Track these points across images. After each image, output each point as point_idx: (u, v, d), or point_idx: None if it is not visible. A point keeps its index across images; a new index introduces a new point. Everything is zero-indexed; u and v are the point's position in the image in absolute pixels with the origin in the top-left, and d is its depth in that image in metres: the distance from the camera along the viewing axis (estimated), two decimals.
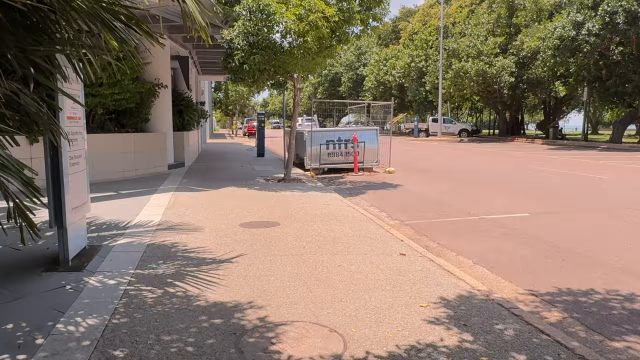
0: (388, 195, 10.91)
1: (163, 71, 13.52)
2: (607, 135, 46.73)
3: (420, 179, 13.52)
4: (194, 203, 8.46)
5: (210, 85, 39.55)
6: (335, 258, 5.27)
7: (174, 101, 14.56)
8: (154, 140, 13.00)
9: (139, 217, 7.00)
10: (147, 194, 9.26)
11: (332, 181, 13.26)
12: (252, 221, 7.07)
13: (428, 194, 10.91)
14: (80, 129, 4.92)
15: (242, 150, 24.21)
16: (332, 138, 14.95)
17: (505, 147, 29.71)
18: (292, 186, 11.11)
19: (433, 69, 40.15)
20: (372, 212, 8.55)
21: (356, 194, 11.05)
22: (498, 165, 17.32)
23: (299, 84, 12.08)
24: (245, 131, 47.62)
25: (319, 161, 14.63)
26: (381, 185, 12.39)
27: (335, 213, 7.90)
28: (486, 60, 33.61)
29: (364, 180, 13.42)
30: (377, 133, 15.45)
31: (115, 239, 5.74)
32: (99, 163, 11.02)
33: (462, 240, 6.84)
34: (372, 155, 15.24)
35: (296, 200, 9.06)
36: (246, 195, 9.64)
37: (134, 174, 11.94)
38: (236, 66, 10.52)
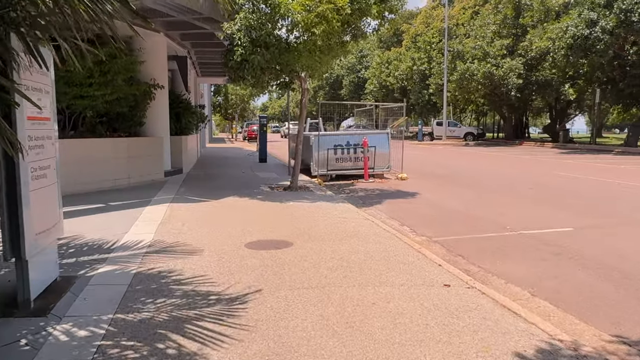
0: (406, 205, 9.91)
1: (159, 71, 12.53)
2: (613, 139, 45.88)
3: (436, 186, 12.52)
4: (192, 217, 7.45)
5: (210, 88, 38.61)
6: (367, 292, 4.27)
7: (171, 103, 13.58)
8: (150, 145, 12.00)
9: (128, 236, 5.99)
10: (139, 205, 8.25)
11: (342, 189, 12.26)
12: (259, 240, 6.06)
13: (449, 204, 9.91)
14: (48, 132, 3.92)
15: (242, 155, 23.21)
16: (340, 142, 13.96)
17: (515, 151, 28.73)
18: (299, 195, 10.11)
19: (437, 71, 39.23)
20: (393, 226, 7.56)
21: (370, 203, 10.04)
22: (514, 170, 16.32)
23: (306, 84, 11.10)
24: (245, 135, 46.66)
25: (327, 167, 13.63)
26: (396, 194, 11.38)
27: (354, 228, 6.90)
28: (493, 62, 32.65)
29: (376, 188, 12.42)
30: (388, 137, 14.46)
31: (95, 266, 4.72)
32: (88, 171, 10.02)
33: (507, 262, 5.83)
34: (383, 160, 14.25)
35: (307, 213, 8.05)
36: (250, 206, 8.63)
37: (128, 183, 10.93)
38: (236, 64, 9.54)
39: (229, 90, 41.89)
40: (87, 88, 9.79)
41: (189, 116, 14.41)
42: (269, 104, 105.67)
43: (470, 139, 38.93)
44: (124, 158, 10.98)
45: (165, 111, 12.91)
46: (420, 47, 45.25)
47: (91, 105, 9.99)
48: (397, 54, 49.80)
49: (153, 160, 12.00)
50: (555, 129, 39.69)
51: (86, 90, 9.75)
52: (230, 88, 41.25)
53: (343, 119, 66.05)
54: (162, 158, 12.43)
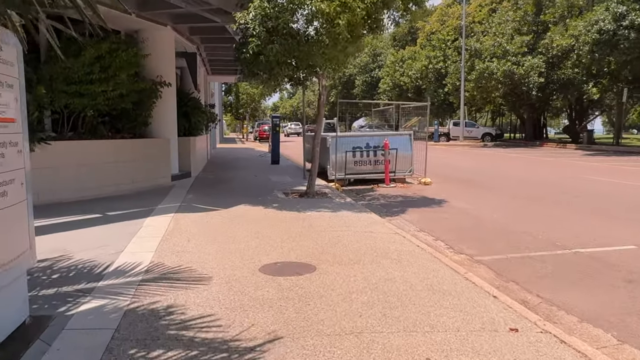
0: (434, 215, 8.97)
1: (166, 67, 11.71)
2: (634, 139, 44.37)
3: (464, 192, 11.55)
4: (199, 230, 6.58)
5: (221, 87, 37.87)
6: (415, 340, 3.36)
7: (179, 102, 12.76)
8: (155, 147, 11.17)
9: (123, 257, 5.12)
10: (141, 215, 7.40)
11: (362, 195, 11.34)
12: (277, 261, 5.17)
13: (484, 213, 8.95)
14: (12, 137, 3.05)
15: (254, 157, 22.38)
16: (359, 144, 13.04)
17: (536, 152, 27.59)
18: (317, 203, 9.21)
19: (454, 70, 38.09)
20: (426, 242, 6.64)
21: (395, 212, 9.12)
22: (543, 174, 15.27)
23: (324, 80, 10.20)
24: (256, 135, 45.88)
25: (345, 171, 12.72)
26: (421, 201, 10.44)
27: (383, 245, 5.98)
28: (513, 60, 31.48)
29: (399, 194, 11.48)
30: (411, 138, 13.52)
31: (79, 300, 3.86)
32: (87, 176, 9.21)
33: (571, 290, 4.89)
34: (405, 163, 13.31)
35: (328, 225, 7.15)
36: (264, 216, 7.75)
37: (131, 188, 10.11)
38: (250, 57, 8.67)
39: (240, 89, 41.13)
40: (87, 85, 8.98)
41: (198, 116, 13.58)
42: (280, 104, 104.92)
43: (488, 139, 37.76)
44: (128, 161, 10.16)
45: (172, 110, 12.09)
46: (436, 45, 44.14)
47: (91, 104, 9.18)
48: (411, 53, 48.73)
49: (159, 163, 11.18)
50: (575, 130, 38.39)
51: (86, 87, 8.95)
52: (241, 87, 40.49)
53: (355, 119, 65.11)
54: (169, 161, 11.61)
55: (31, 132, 8.40)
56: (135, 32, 11.46)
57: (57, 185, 8.69)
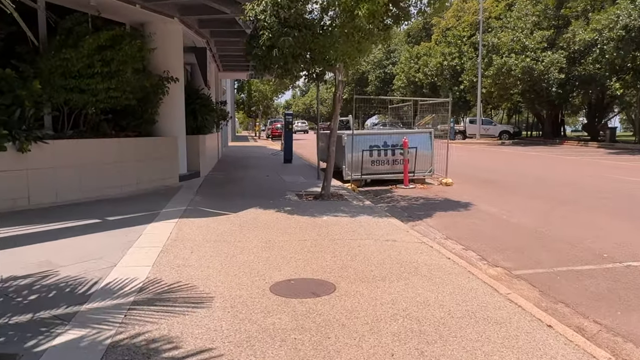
0: (461, 219, 8.26)
1: (174, 62, 11.12)
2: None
3: (489, 194, 10.81)
4: (204, 239, 5.96)
5: (233, 85, 37.35)
6: None
7: (187, 99, 12.17)
8: (162, 146, 10.60)
9: (116, 272, 4.51)
10: (142, 221, 6.80)
11: (380, 197, 10.67)
12: (290, 278, 4.52)
13: (513, 219, 8.23)
14: None
15: (266, 155, 21.80)
16: (376, 143, 12.35)
17: (557, 151, 26.62)
18: (333, 206, 8.56)
19: (470, 67, 37.13)
20: (456, 252, 5.97)
21: (418, 217, 8.44)
22: (570, 174, 14.44)
23: (341, 75, 9.54)
24: (268, 133, 45.37)
25: (361, 171, 12.04)
26: (445, 204, 9.73)
27: (410, 257, 5.31)
28: (532, 55, 30.48)
29: (420, 196, 10.78)
30: (431, 137, 12.80)
31: (54, 330, 3.24)
32: (88, 177, 8.66)
33: (634, 314, 4.18)
34: (424, 163, 12.59)
35: (346, 232, 6.49)
36: (276, 222, 7.11)
37: (135, 189, 9.55)
38: (262, 51, 8.04)
39: (252, 86, 40.60)
40: (88, 80, 8.40)
41: (207, 113, 12.98)
42: (293, 102, 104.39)
43: (505, 137, 36.77)
44: (132, 161, 9.60)
45: (180, 108, 11.51)
46: (451, 41, 43.19)
47: (92, 100, 8.60)
48: (426, 49, 47.80)
49: (166, 163, 10.61)
50: (594, 128, 37.21)
51: (86, 82, 8.37)
52: (253, 84, 39.95)
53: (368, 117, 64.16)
54: (177, 160, 11.03)
55: (27, 130, 7.91)
56: (141, 25, 10.89)
57: (56, 187, 8.14)
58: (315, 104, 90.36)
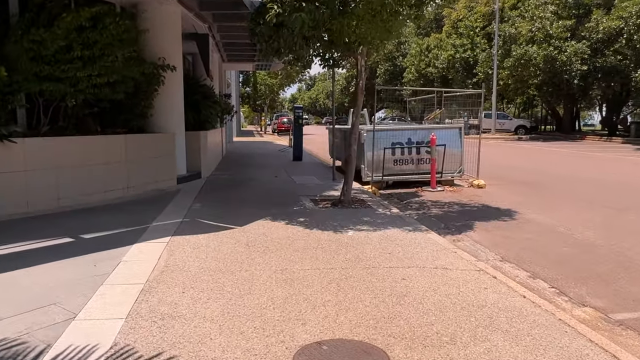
0: (511, 232, 6.89)
1: (171, 47, 9.76)
2: None
3: (532, 199, 9.41)
4: (201, 268, 4.62)
5: (238, 78, 35.94)
6: None
7: (187, 91, 10.81)
8: (157, 144, 9.27)
9: (70, 332, 3.16)
10: (126, 240, 5.47)
11: (407, 202, 9.30)
12: (320, 340, 3.17)
13: (574, 231, 6.84)
14: None
15: (273, 151, 20.44)
16: (399, 140, 10.96)
17: (581, 146, 25.11)
18: (356, 216, 7.20)
19: (486, 58, 35.52)
20: (524, 282, 4.63)
21: (458, 229, 7.07)
22: (611, 173, 13.00)
23: (364, 60, 8.16)
24: (274, 128, 43.96)
25: (382, 171, 10.66)
26: (484, 212, 8.35)
27: (475, 298, 3.95)
28: (555, 44, 28.87)
29: (452, 201, 9.40)
30: (461, 133, 11.40)
31: None
32: (68, 181, 7.35)
33: None
34: (453, 163, 11.19)
35: (381, 255, 5.14)
36: (291, 240, 5.76)
37: (125, 195, 8.23)
38: (270, 29, 6.65)
39: (258, 79, 39.20)
40: (65, 66, 7.07)
41: (210, 107, 11.61)
42: (298, 95, 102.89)
43: (522, 132, 35.18)
44: (121, 162, 8.27)
45: (178, 100, 10.15)
46: (463, 33, 41.53)
47: (71, 91, 7.27)
48: (437, 41, 46.16)
49: (161, 164, 9.28)
50: (612, 122, 35.62)
51: (63, 69, 7.03)
52: (259, 77, 38.54)
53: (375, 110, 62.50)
54: (174, 160, 9.69)
55: None
56: (133, 6, 9.53)
57: (26, 194, 6.83)
58: (321, 98, 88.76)
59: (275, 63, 20.04)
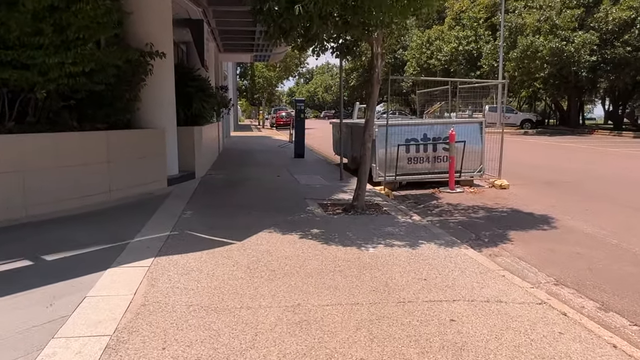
0: (554, 245, 5.90)
1: (160, 32, 8.69)
2: None
3: (564, 202, 8.41)
4: (189, 305, 3.60)
5: (235, 70, 34.77)
6: None
7: (179, 81, 9.76)
8: (144, 141, 8.23)
9: None
10: (96, 265, 4.44)
11: (426, 206, 8.30)
12: None
13: (631, 243, 5.85)
14: None
15: (273, 147, 19.39)
16: (414, 136, 9.93)
17: (592, 141, 24.15)
18: (374, 224, 6.20)
19: (491, 50, 34.44)
20: (596, 318, 3.63)
21: (492, 240, 6.08)
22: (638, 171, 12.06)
23: (379, 47, 7.12)
24: (273, 122, 42.82)
25: (395, 170, 9.64)
26: (516, 218, 7.35)
27: (551, 349, 2.95)
28: (563, 35, 27.82)
29: (476, 204, 8.39)
30: (482, 128, 10.39)
31: None
32: (38, 186, 6.30)
33: None
34: (473, 161, 10.19)
35: (415, 282, 4.14)
36: (302, 260, 4.74)
37: (107, 200, 7.20)
38: (281, 4, 5.59)
39: (255, 72, 38.04)
40: (34, 52, 6.01)
41: (205, 99, 10.53)
42: (296, 89, 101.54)
43: (527, 126, 34.20)
44: (102, 162, 7.22)
45: (169, 92, 9.09)
46: (466, 24, 40.43)
47: (41, 80, 6.21)
48: (439, 33, 45.04)
49: (150, 164, 8.24)
50: (618, 116, 34.68)
51: (30, 55, 5.97)
52: (257, 70, 37.38)
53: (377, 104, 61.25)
54: (164, 159, 8.65)
55: None
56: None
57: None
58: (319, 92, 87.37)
59: (276, 53, 18.97)
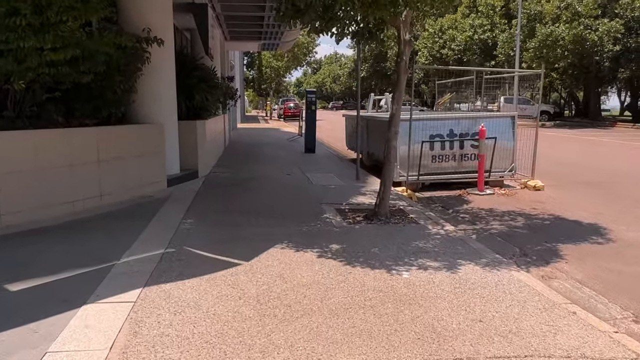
0: (613, 261, 5.01)
1: (158, 16, 7.79)
2: None
3: (614, 208, 7.47)
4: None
5: (242, 60, 33.81)
6: None
7: (181, 71, 8.89)
8: (141, 137, 7.38)
9: None
10: (69, 299, 3.60)
11: (455, 211, 7.40)
12: None
13: None
14: None
15: (281, 141, 18.50)
16: (439, 132, 9.00)
17: (618, 134, 23.06)
18: (400, 236, 5.32)
19: (507, 39, 33.20)
20: None
21: (542, 256, 5.18)
22: None
23: (407, 32, 6.20)
24: (280, 113, 41.87)
25: (418, 170, 8.74)
26: (560, 227, 6.45)
27: None
28: (585, 23, 26.60)
29: (511, 209, 7.47)
30: (514, 122, 9.44)
31: None
32: (15, 192, 5.47)
33: None
34: (504, 159, 9.25)
35: (467, 326, 3.26)
36: (323, 292, 3.88)
37: (96, 205, 6.37)
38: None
39: (263, 62, 37.07)
40: (10, 34, 5.16)
41: (209, 91, 9.62)
42: (304, 80, 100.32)
43: (545, 118, 33.00)
44: (92, 162, 6.38)
45: (168, 83, 8.21)
46: (482, 12, 39.13)
47: (18, 69, 5.36)
48: (451, 22, 43.73)
49: (147, 163, 7.39)
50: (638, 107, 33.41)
51: (3, 39, 5.12)
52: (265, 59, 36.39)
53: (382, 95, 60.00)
54: (163, 157, 7.79)
55: None
56: None
57: None
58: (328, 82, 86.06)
59: (285, 41, 18.02)
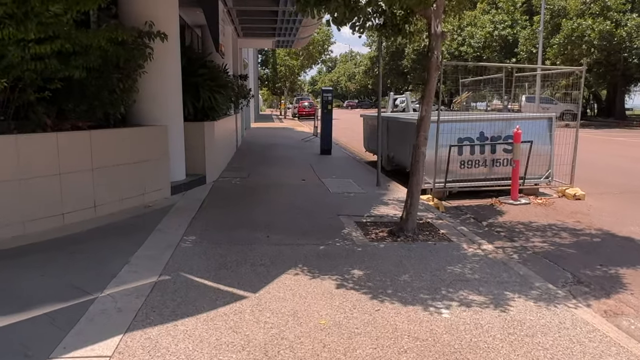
0: None
1: (162, 8, 7.13)
2: None
3: None
4: None
5: (256, 58, 33.17)
6: None
7: (187, 69, 8.22)
8: (142, 141, 6.71)
9: None
10: (32, 351, 2.93)
11: (486, 223, 6.62)
12: None
13: None
14: None
15: (295, 141, 17.79)
16: (468, 134, 8.20)
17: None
18: (433, 259, 4.56)
19: (529, 35, 32.08)
20: None
21: (600, 284, 4.41)
22: None
23: (439, 24, 5.44)
24: (295, 112, 41.23)
25: (446, 176, 7.95)
26: (612, 245, 5.64)
27: None
28: (614, 17, 25.46)
29: (551, 223, 6.66)
30: (552, 124, 8.61)
31: None
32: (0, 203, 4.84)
33: None
34: (540, 165, 8.42)
35: None
36: (346, 338, 3.15)
37: (89, 218, 5.72)
38: None
39: (278, 60, 36.42)
40: None
41: (217, 90, 8.93)
42: (318, 78, 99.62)
43: (569, 118, 31.80)
44: (84, 170, 5.73)
45: (174, 81, 7.54)
46: (503, 8, 38.02)
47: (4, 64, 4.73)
48: (470, 18, 42.63)
49: (149, 169, 6.73)
50: None
51: None
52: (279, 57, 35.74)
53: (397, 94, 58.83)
54: (167, 162, 7.13)
55: None
56: None
57: None
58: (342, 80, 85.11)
59: (300, 38, 17.31)
